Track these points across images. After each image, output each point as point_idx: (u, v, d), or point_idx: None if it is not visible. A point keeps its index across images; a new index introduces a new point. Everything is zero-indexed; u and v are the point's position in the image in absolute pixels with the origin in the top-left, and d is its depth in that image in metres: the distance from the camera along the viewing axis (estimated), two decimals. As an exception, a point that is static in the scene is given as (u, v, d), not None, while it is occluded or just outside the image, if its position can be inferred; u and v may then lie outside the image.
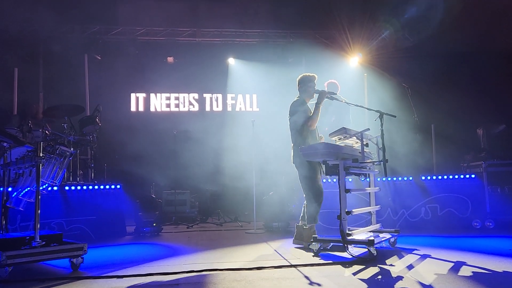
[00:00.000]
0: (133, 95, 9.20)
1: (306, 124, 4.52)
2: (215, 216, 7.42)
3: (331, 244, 4.20)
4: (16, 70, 6.80)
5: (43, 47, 8.01)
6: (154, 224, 5.71)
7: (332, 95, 4.70)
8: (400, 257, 3.93)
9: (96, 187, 5.50)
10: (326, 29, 8.80)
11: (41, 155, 3.51)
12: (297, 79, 4.82)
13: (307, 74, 4.77)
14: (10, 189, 4.03)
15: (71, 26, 8.04)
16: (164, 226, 6.28)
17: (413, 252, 4.15)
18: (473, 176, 5.89)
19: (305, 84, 4.70)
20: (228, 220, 7.06)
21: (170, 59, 8.92)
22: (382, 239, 4.13)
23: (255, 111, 9.62)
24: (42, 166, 3.55)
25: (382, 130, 4.22)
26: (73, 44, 8.11)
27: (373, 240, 3.79)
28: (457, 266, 3.47)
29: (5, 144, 3.89)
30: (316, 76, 4.74)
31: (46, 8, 7.15)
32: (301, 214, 4.82)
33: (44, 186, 3.74)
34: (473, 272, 3.28)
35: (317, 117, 4.54)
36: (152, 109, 9.23)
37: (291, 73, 8.80)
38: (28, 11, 7.23)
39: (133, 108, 9.16)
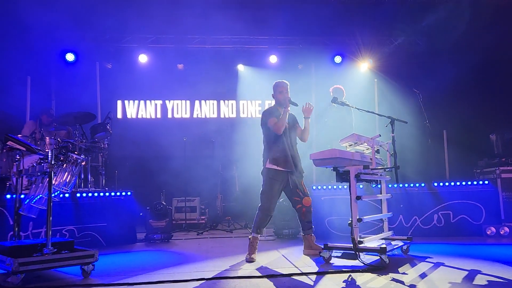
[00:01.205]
0: (148, 102, 9.26)
1: (273, 130, 4.47)
2: (225, 223, 7.41)
3: (342, 251, 4.16)
4: (29, 78, 6.90)
5: (56, 55, 8.10)
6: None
7: (335, 101, 4.71)
8: (413, 265, 3.87)
9: (107, 194, 5.53)
10: (335, 35, 8.78)
11: (53, 163, 3.54)
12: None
13: (278, 81, 4.73)
14: (22, 196, 4.07)
15: (82, 34, 8.14)
16: (174, 233, 6.28)
17: (426, 260, 4.09)
18: (486, 182, 5.79)
19: (275, 91, 4.68)
20: (238, 227, 7.04)
21: (180, 66, 8.96)
22: (395, 247, 4.08)
23: None
24: (54, 173, 3.58)
25: (393, 136, 4.19)
26: (84, 52, 8.21)
27: (385, 247, 3.74)
28: (471, 275, 3.41)
29: (17, 152, 3.93)
30: (287, 83, 4.70)
31: (59, 17, 7.25)
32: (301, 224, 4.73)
33: (56, 193, 3.77)
34: (488, 281, 3.22)
35: (281, 122, 4.46)
36: (169, 116, 9.27)
37: (300, 80, 8.83)
38: (42, 20, 7.33)
39: (147, 115, 9.21)
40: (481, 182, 5.80)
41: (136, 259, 4.63)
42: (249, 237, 4.44)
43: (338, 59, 8.75)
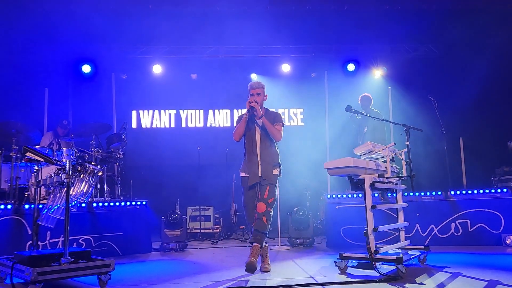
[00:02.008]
0: (162, 112, 9.35)
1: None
2: (239, 232, 7.41)
3: (358, 261, 4.11)
4: (46, 90, 7.05)
5: (72, 67, 8.27)
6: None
7: (349, 109, 4.67)
8: (430, 275, 3.81)
9: (122, 203, 5.58)
10: (349, 43, 8.77)
11: (70, 173, 3.60)
12: None
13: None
14: (40, 206, 4.14)
15: (98, 46, 8.29)
16: (189, 242, 6.30)
17: (444, 270, 4.02)
18: (505, 190, 5.68)
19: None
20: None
21: (193, 76, 9.04)
22: (411, 257, 4.03)
23: (293, 125, 9.54)
24: (71, 184, 3.64)
25: (408, 145, 4.16)
26: (100, 64, 8.36)
27: (402, 257, 3.70)
28: (491, 285, 3.34)
29: (36, 163, 4.00)
30: (253, 84, 4.53)
31: (76, 30, 7.42)
32: None
33: (73, 203, 3.82)
34: (508, 292, 3.15)
35: (237, 129, 4.36)
36: (183, 125, 9.35)
37: (313, 88, 8.83)
38: (59, 33, 7.51)
39: (161, 125, 9.30)
40: (499, 190, 5.69)
41: (152, 268, 4.65)
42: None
43: (351, 67, 8.73)
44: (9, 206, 4.86)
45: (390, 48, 8.72)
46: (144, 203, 5.74)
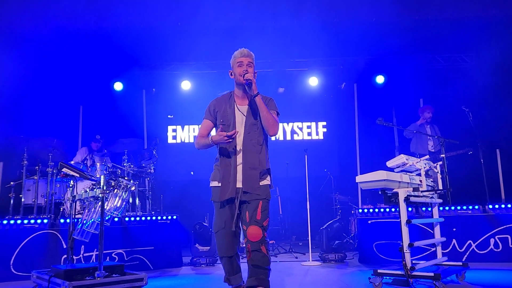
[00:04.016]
0: (191, 127, 9.48)
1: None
2: (269, 246, 7.33)
3: (393, 277, 3.99)
4: (81, 108, 7.28)
5: (105, 84, 8.53)
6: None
7: (380, 121, 4.57)
8: (471, 293, 3.66)
9: (153, 218, 5.64)
10: (377, 55, 8.68)
11: (104, 188, 3.67)
12: None
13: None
14: (75, 220, 4.23)
15: (129, 64, 8.53)
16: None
17: (484, 288, 3.85)
18: (547, 204, 5.43)
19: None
20: (282, 251, 6.94)
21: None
22: (449, 273, 3.87)
23: (314, 139, 9.46)
24: (105, 198, 3.71)
25: (443, 157, 4.04)
26: (131, 81, 8.59)
27: (440, 274, 3.56)
28: (537, 305, 3.17)
29: (71, 178, 4.11)
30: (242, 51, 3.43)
31: (107, 49, 7.67)
32: None
33: (107, 218, 3.89)
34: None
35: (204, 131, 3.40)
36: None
37: (342, 101, 8.75)
38: (92, 53, 7.79)
39: (190, 140, 9.42)
40: (541, 204, 5.44)
41: (183, 283, 4.65)
42: None
43: (380, 78, 8.63)
44: (45, 221, 4.99)
45: (420, 58, 8.58)
46: (174, 217, 5.78)
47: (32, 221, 4.94)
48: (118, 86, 8.52)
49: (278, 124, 3.18)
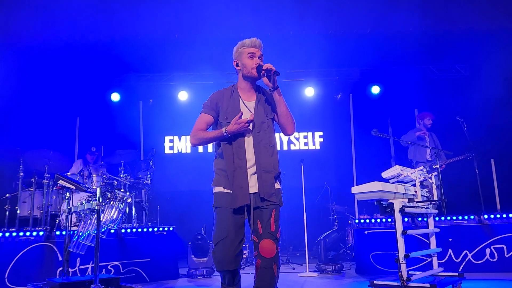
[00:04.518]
0: (183, 138, 9.50)
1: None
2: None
3: (390, 289, 3.99)
4: (77, 119, 7.29)
5: (102, 95, 8.54)
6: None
7: (375, 132, 4.62)
8: (467, 304, 3.66)
9: (150, 229, 5.63)
10: (373, 66, 8.76)
11: (101, 200, 3.67)
12: None
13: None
14: (71, 233, 4.22)
15: (126, 75, 8.57)
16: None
17: (481, 298, 3.86)
18: (542, 213, 5.46)
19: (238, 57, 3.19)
20: (280, 262, 6.92)
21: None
22: (445, 284, 3.87)
23: (311, 149, 9.48)
24: (101, 211, 3.70)
25: (438, 168, 4.07)
26: (128, 92, 8.62)
27: (435, 285, 3.56)
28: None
29: (67, 190, 4.11)
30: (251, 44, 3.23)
31: (104, 60, 7.71)
32: None
33: (103, 230, 3.88)
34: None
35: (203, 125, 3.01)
36: (210, 150, 9.44)
37: (338, 112, 8.81)
38: (89, 64, 7.82)
39: (187, 150, 9.43)
40: (536, 213, 5.47)
41: (179, 295, 4.64)
42: None
43: (376, 89, 8.70)
44: (41, 233, 4.97)
45: (415, 69, 8.66)
46: (171, 228, 5.77)
47: (28, 233, 4.91)
48: (115, 97, 8.54)
49: (294, 122, 2.96)
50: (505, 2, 6.86)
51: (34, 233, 4.93)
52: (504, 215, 5.49)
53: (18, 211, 5.68)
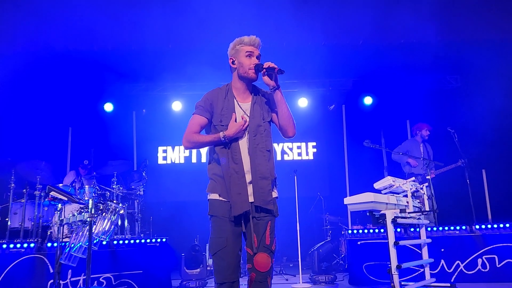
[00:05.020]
0: (181, 148, 9.48)
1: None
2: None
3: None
4: (70, 129, 7.27)
5: (95, 106, 8.53)
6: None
7: (367, 143, 4.66)
8: (459, 315, 3.66)
9: (143, 240, 5.59)
10: (365, 77, 8.84)
11: (93, 212, 3.65)
12: None
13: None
14: (62, 244, 4.19)
15: (119, 85, 8.57)
16: (208, 280, 6.22)
17: (473, 309, 3.87)
18: (533, 223, 5.50)
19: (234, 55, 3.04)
20: (273, 273, 6.90)
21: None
22: (438, 295, 3.89)
23: (304, 159, 9.49)
24: (93, 222, 3.68)
25: (429, 179, 4.10)
26: (121, 102, 8.61)
27: (428, 296, 3.58)
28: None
29: (59, 201, 4.09)
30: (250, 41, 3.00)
31: (97, 70, 7.70)
32: None
33: (95, 241, 3.86)
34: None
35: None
36: (203, 160, 9.42)
37: (331, 122, 8.85)
38: (81, 73, 7.81)
39: (181, 160, 9.41)
40: (527, 224, 5.51)
41: (171, 307, 4.60)
42: None
43: (368, 100, 8.77)
44: (32, 245, 4.93)
45: (406, 80, 8.75)
46: (164, 240, 5.73)
47: (19, 245, 4.87)
48: (108, 107, 8.53)
49: (295, 123, 2.84)
50: (496, 13, 6.97)
51: (25, 245, 4.89)
52: (496, 226, 5.53)
53: (9, 223, 5.63)
